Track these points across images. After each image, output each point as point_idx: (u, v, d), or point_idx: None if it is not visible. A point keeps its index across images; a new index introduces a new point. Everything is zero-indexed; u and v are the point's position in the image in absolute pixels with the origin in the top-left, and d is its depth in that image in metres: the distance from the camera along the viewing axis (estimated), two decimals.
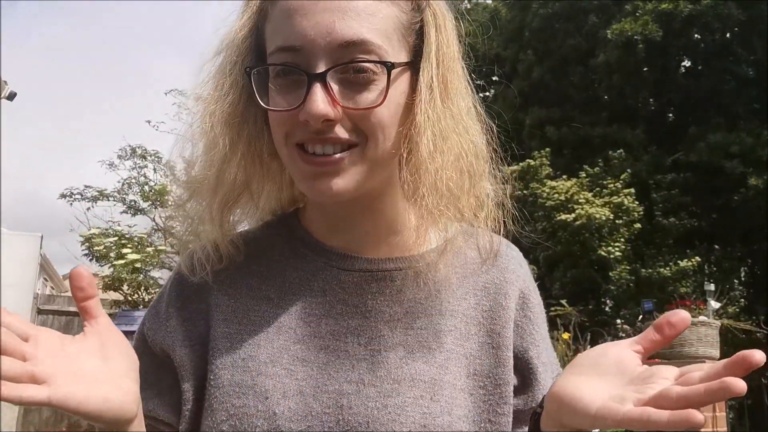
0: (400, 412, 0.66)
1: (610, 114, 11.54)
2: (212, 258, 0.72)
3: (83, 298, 0.58)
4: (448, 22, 0.71)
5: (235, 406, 0.66)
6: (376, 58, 0.64)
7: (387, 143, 0.66)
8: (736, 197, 10.02)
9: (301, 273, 0.74)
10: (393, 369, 0.68)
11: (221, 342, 0.70)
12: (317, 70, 0.63)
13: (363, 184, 0.67)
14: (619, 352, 0.58)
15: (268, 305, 0.72)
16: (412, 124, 0.67)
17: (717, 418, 4.34)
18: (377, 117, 0.65)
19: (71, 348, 0.56)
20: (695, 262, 9.37)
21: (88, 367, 0.55)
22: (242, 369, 0.68)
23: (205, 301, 0.73)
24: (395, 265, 0.73)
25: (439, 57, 0.68)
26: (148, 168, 8.03)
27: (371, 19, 0.64)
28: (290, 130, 0.66)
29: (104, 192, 7.79)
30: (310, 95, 0.62)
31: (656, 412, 0.48)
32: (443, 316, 0.72)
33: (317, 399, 0.66)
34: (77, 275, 0.58)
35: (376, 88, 0.64)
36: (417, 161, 0.67)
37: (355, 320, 0.71)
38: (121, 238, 6.82)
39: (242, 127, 0.70)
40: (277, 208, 0.79)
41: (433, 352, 0.70)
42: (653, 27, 10.46)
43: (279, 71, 0.66)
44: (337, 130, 0.64)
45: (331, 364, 0.68)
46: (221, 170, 0.70)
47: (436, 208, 0.67)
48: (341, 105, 0.63)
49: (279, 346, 0.69)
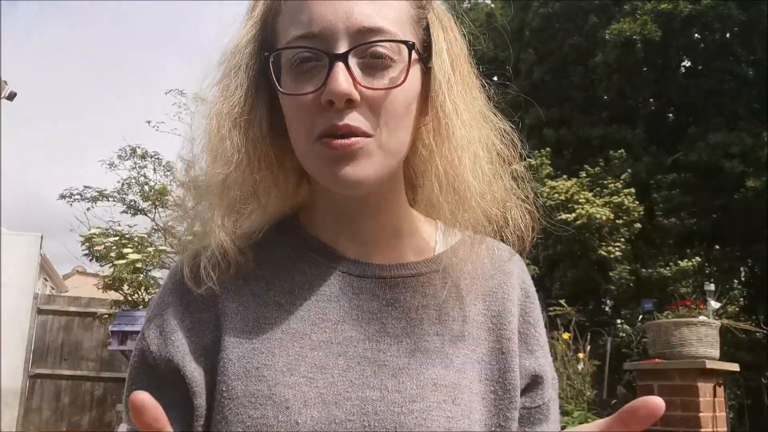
0: (426, 416, 0.65)
1: (610, 114, 11.54)
2: (220, 265, 0.70)
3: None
4: (453, 23, 0.73)
5: (253, 418, 0.64)
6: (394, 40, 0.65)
7: (400, 132, 0.67)
8: (736, 197, 10.01)
9: (310, 277, 0.72)
10: (415, 374, 0.67)
11: (232, 351, 0.68)
12: (338, 51, 0.63)
13: (380, 174, 0.67)
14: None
15: (279, 311, 0.70)
16: (434, 117, 0.69)
17: (717, 418, 4.34)
18: (393, 103, 0.65)
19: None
20: (695, 262, 9.37)
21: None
22: (257, 379, 0.66)
23: (211, 309, 0.71)
24: (407, 271, 0.73)
25: (452, 55, 0.70)
26: (148, 168, 8.03)
27: (386, 6, 0.66)
28: (311, 123, 0.65)
29: (104, 192, 7.78)
30: (332, 75, 0.62)
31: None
32: (456, 321, 0.72)
33: (340, 407, 0.64)
34: (138, 408, 0.46)
35: (393, 71, 0.65)
36: (440, 150, 0.68)
37: (372, 326, 0.70)
38: (122, 238, 6.82)
39: (248, 130, 0.70)
40: (280, 214, 0.78)
41: (450, 356, 0.70)
42: (652, 27, 10.45)
43: (297, 59, 0.65)
44: (355, 116, 0.64)
45: (351, 370, 0.67)
46: (228, 174, 0.69)
47: (461, 196, 0.68)
48: (362, 85, 0.64)
49: (295, 353, 0.67)
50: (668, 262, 9.67)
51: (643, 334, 6.65)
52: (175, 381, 0.69)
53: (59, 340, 8.64)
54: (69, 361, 8.58)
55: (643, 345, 6.61)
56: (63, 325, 8.71)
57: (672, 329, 4.53)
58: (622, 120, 11.28)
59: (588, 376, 5.67)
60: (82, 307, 8.72)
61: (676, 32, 10.86)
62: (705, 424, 4.23)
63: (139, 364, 0.71)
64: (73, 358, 8.60)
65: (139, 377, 0.71)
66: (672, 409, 4.33)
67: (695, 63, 12.17)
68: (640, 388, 4.62)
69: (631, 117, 11.48)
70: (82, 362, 8.61)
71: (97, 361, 8.62)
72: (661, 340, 4.57)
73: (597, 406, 5.93)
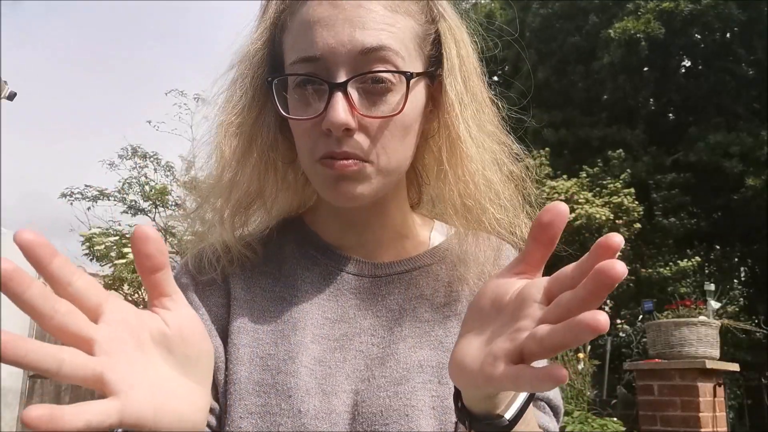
0: (411, 397, 0.67)
1: (609, 114, 11.54)
2: (222, 260, 0.73)
3: (151, 269, 0.46)
4: (465, 35, 0.74)
5: (257, 405, 0.66)
6: (393, 68, 0.66)
7: (400, 153, 0.69)
8: (735, 197, 10.02)
9: (313, 275, 0.75)
10: (402, 359, 0.70)
11: (237, 337, 0.70)
12: (338, 79, 0.65)
13: (378, 192, 0.69)
14: (495, 288, 0.51)
15: (283, 305, 0.73)
16: (446, 137, 0.71)
17: (717, 418, 4.34)
18: (391, 129, 0.67)
19: (146, 335, 0.46)
20: (695, 262, 9.37)
21: (165, 372, 0.46)
22: (261, 367, 0.68)
23: (225, 296, 0.73)
24: (404, 267, 0.76)
25: (464, 71, 0.71)
26: (148, 168, 8.05)
27: (389, 29, 0.66)
28: (314, 144, 0.67)
29: (105, 192, 7.80)
30: (331, 104, 0.64)
31: (523, 374, 0.43)
32: (449, 305, 0.75)
33: (337, 397, 0.67)
34: (142, 237, 0.45)
35: (393, 97, 0.66)
36: (455, 172, 0.70)
37: (367, 320, 0.73)
38: (122, 237, 6.83)
39: (255, 136, 0.72)
40: (286, 214, 0.81)
41: (439, 338, 0.72)
42: (655, 25, 10.46)
43: (299, 82, 0.67)
44: (353, 143, 0.66)
45: (347, 363, 0.69)
46: (233, 177, 0.72)
47: (476, 218, 0.71)
48: (361, 113, 0.65)
49: (296, 342, 0.69)
50: (668, 262, 9.67)
51: (643, 334, 6.66)
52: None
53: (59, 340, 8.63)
54: None
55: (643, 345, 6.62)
56: None
57: (672, 329, 4.53)
58: (622, 120, 11.28)
59: (588, 376, 5.68)
60: None
61: (676, 32, 10.87)
62: (705, 424, 4.23)
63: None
64: None
65: None
66: (672, 409, 4.33)
67: (695, 63, 12.17)
68: (640, 388, 4.62)
69: (631, 117, 11.48)
70: None
71: None
72: (661, 340, 4.57)
73: (597, 406, 5.94)
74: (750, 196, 9.67)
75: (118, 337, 0.44)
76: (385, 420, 0.66)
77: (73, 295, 0.43)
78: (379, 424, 0.65)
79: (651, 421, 4.45)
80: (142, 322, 0.46)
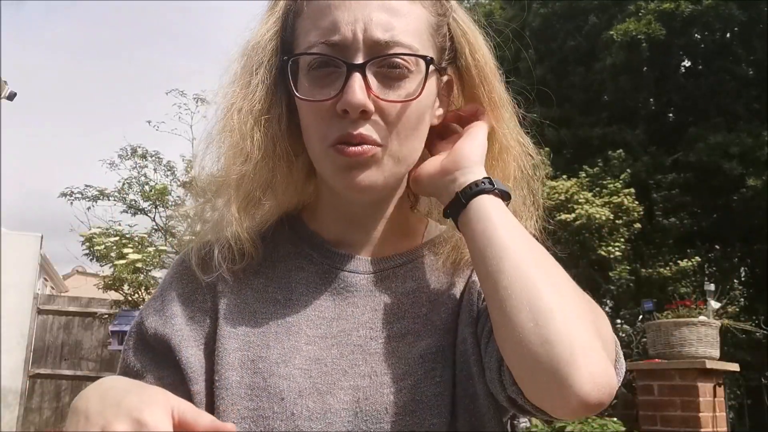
0: (416, 389, 0.67)
1: (610, 114, 11.53)
2: (235, 256, 0.72)
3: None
4: (477, 32, 0.75)
5: (249, 409, 0.65)
6: (411, 53, 0.66)
7: (411, 141, 0.69)
8: (735, 197, 10.01)
9: (308, 274, 0.74)
10: (404, 354, 0.69)
11: (228, 342, 0.69)
12: (355, 61, 0.64)
13: (390, 181, 0.69)
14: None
15: (276, 306, 0.72)
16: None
17: (717, 418, 4.34)
18: (406, 114, 0.67)
19: None
20: (695, 262, 9.36)
21: None
22: (252, 371, 0.67)
23: (211, 299, 0.72)
24: (401, 260, 0.76)
25: (478, 67, 0.73)
26: (148, 168, 8.05)
27: (406, 17, 0.67)
28: (327, 128, 0.66)
29: (105, 191, 7.80)
30: (349, 85, 0.64)
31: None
32: (445, 292, 0.75)
33: (334, 396, 0.66)
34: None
35: (410, 83, 0.66)
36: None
37: (365, 315, 0.72)
38: (122, 237, 6.83)
39: (268, 125, 0.71)
40: (287, 208, 0.80)
41: (435, 324, 0.72)
42: (656, 26, 10.45)
43: (315, 64, 0.67)
44: (369, 126, 0.66)
45: (344, 358, 0.69)
46: (247, 170, 0.71)
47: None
48: (378, 96, 0.65)
49: (290, 346, 0.69)
50: (668, 262, 9.66)
51: (643, 334, 6.65)
52: (171, 362, 0.69)
53: (59, 340, 8.64)
54: (69, 361, 8.58)
55: (643, 345, 6.61)
56: (63, 325, 8.71)
57: (672, 329, 4.53)
58: (622, 120, 11.27)
59: None
60: (82, 307, 8.72)
61: (676, 32, 10.86)
62: (705, 424, 4.23)
63: (136, 340, 0.72)
64: (74, 358, 8.60)
65: (138, 350, 0.72)
66: (672, 409, 4.33)
67: (695, 63, 12.16)
68: (640, 388, 4.62)
69: (631, 117, 11.47)
70: (82, 362, 8.61)
71: (97, 361, 8.62)
72: (661, 340, 4.57)
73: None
74: (750, 196, 9.66)
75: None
76: (390, 417, 0.65)
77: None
78: (384, 422, 0.65)
79: (651, 421, 4.45)
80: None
